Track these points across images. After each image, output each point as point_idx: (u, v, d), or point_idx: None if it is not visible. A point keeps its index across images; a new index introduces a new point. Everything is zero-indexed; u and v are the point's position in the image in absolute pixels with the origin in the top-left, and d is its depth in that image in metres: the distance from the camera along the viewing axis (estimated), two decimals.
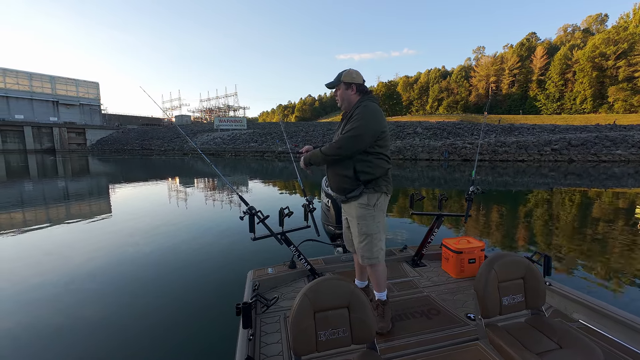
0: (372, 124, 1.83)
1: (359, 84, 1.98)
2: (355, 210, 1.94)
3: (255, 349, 1.75)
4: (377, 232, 1.94)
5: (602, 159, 20.60)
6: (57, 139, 56.40)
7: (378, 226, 1.95)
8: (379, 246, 1.95)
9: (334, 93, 2.07)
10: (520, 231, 5.86)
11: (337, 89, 2.03)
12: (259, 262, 3.27)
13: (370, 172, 1.88)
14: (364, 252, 1.94)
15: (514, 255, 1.66)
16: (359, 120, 1.81)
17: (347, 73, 1.98)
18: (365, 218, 1.92)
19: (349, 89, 1.97)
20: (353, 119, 1.85)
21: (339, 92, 2.01)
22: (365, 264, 1.97)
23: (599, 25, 64.95)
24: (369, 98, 1.95)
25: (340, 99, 2.02)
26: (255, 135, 41.33)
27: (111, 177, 16.71)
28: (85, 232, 5.87)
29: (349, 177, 1.90)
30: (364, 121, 1.81)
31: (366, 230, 1.92)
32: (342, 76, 1.99)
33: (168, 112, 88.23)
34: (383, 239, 1.99)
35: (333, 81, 2.04)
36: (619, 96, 49.90)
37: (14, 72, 58.08)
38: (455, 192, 10.13)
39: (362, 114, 1.83)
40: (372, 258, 1.93)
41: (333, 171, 1.99)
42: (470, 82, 74.28)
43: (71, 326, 2.85)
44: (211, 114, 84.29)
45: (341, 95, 2.00)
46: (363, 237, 1.93)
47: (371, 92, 2.03)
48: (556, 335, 1.47)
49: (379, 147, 1.88)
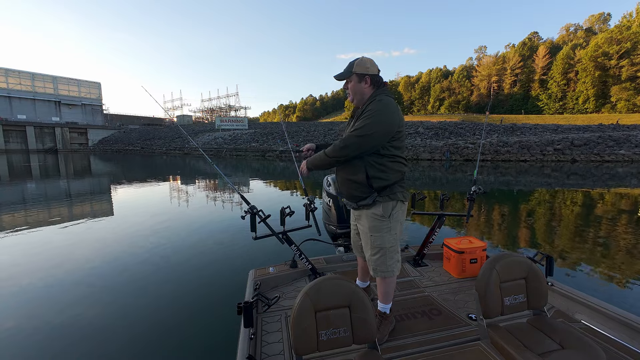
0: (386, 122, 1.60)
1: (373, 75, 1.71)
2: (368, 221, 1.75)
3: (257, 348, 1.75)
4: (393, 244, 1.74)
5: (605, 159, 20.48)
6: (59, 139, 56.70)
7: (395, 238, 1.75)
8: (395, 258, 1.76)
9: (345, 86, 1.80)
10: (522, 231, 5.84)
11: (348, 81, 1.76)
12: (261, 262, 3.28)
13: (384, 177, 1.67)
14: (377, 265, 1.75)
15: (516, 256, 1.65)
16: (371, 117, 1.58)
17: (359, 62, 1.70)
18: (379, 230, 1.72)
19: (362, 82, 1.71)
20: (364, 116, 1.62)
21: (350, 84, 1.75)
22: (377, 277, 1.80)
23: (602, 25, 64.63)
24: (384, 92, 1.71)
25: (351, 92, 1.76)
26: (257, 135, 41.37)
27: (113, 176, 16.75)
28: (86, 232, 5.89)
29: (361, 183, 1.69)
30: (376, 117, 1.58)
31: (380, 244, 1.73)
32: (354, 66, 1.71)
33: (169, 112, 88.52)
34: (399, 250, 1.81)
35: (343, 72, 1.76)
36: (621, 96, 49.64)
37: (17, 73, 58.46)
38: (457, 192, 10.11)
39: (375, 110, 1.59)
40: (386, 272, 1.75)
41: (342, 176, 1.79)
42: (472, 81, 74.06)
43: (72, 326, 2.86)
44: (212, 113, 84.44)
45: (353, 88, 1.74)
46: (376, 251, 1.74)
47: (387, 85, 1.76)
48: (558, 336, 1.46)
49: (395, 148, 1.67)
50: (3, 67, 56.72)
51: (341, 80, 1.78)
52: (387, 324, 1.83)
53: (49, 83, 61.94)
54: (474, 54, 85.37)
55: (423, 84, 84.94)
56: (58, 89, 63.04)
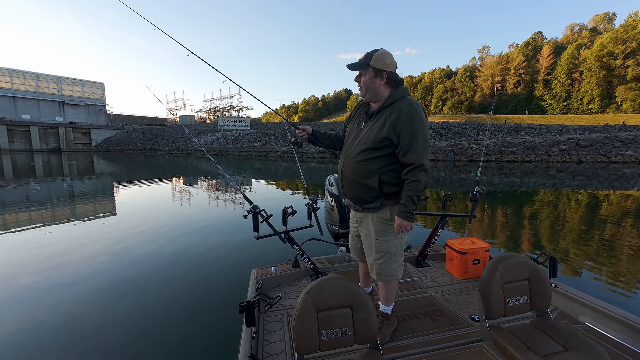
0: (427, 131, 1.56)
1: (390, 72, 1.58)
2: (373, 224, 1.70)
3: (259, 347, 1.75)
4: (398, 248, 1.72)
5: (612, 159, 20.22)
6: (62, 139, 57.16)
7: (400, 242, 1.72)
8: (399, 262, 1.74)
9: (357, 78, 1.65)
10: (525, 232, 5.80)
11: (362, 73, 1.60)
12: (263, 261, 3.28)
13: (396, 183, 1.62)
14: (381, 269, 1.72)
15: (519, 257, 1.64)
16: (420, 127, 1.53)
17: (378, 56, 1.55)
18: (385, 234, 1.68)
19: (377, 77, 1.57)
20: (405, 123, 1.52)
21: (364, 78, 1.60)
22: (380, 281, 1.77)
23: (607, 24, 64.09)
24: (407, 92, 1.62)
25: (364, 87, 1.61)
26: (259, 135, 41.42)
27: (116, 176, 16.86)
28: (88, 231, 5.93)
29: (372, 187, 1.62)
30: (424, 130, 1.54)
31: (386, 248, 1.69)
32: (371, 59, 1.55)
33: (172, 112, 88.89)
34: (403, 254, 1.79)
35: (359, 63, 1.59)
36: (627, 96, 49.18)
37: (21, 73, 58.97)
38: (460, 192, 10.07)
39: (419, 120, 1.53)
40: (390, 275, 1.72)
41: (351, 178, 1.69)
42: (475, 82, 73.76)
43: (73, 326, 2.88)
44: (215, 114, 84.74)
45: (366, 82, 1.59)
46: (381, 255, 1.71)
47: (403, 82, 1.64)
48: (562, 338, 1.45)
49: None
50: (7, 68, 57.23)
51: (355, 70, 1.62)
52: (389, 324, 1.82)
53: (53, 83, 62.41)
54: (477, 54, 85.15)
55: (426, 84, 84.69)
56: (62, 89, 63.51)
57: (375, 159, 1.62)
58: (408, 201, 1.55)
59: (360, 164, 1.65)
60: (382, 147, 1.60)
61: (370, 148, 1.62)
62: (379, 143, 1.59)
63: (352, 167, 1.69)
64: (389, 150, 1.60)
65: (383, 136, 1.57)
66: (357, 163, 1.66)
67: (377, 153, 1.61)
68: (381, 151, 1.61)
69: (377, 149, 1.61)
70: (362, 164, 1.64)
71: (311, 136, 2.02)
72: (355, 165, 1.67)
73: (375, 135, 1.60)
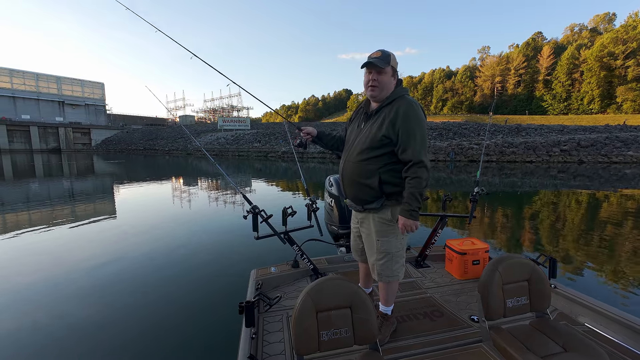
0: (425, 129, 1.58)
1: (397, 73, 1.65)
2: (374, 225, 1.70)
3: (258, 347, 1.75)
4: (400, 249, 1.72)
5: (613, 160, 20.22)
6: (62, 139, 57.17)
7: (402, 243, 1.73)
8: (400, 263, 1.74)
9: (371, 75, 1.60)
10: (525, 233, 5.80)
11: (381, 71, 1.58)
12: (262, 261, 3.28)
13: (397, 182, 1.62)
14: (382, 270, 1.72)
15: (519, 257, 1.64)
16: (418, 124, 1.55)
17: (394, 57, 1.60)
18: (386, 234, 1.68)
19: (393, 77, 1.62)
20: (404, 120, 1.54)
21: (382, 77, 1.59)
22: (382, 281, 1.77)
23: (607, 25, 64.06)
24: (406, 91, 1.65)
25: (379, 85, 1.60)
26: (259, 136, 41.42)
27: (116, 177, 16.86)
28: (88, 231, 5.93)
29: (372, 187, 1.63)
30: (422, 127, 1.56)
31: (387, 248, 1.69)
32: (390, 58, 1.59)
33: (172, 113, 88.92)
34: (404, 255, 1.78)
35: (383, 58, 1.58)
36: (627, 96, 49.15)
37: (21, 73, 58.96)
38: (460, 193, 10.06)
39: (417, 118, 1.56)
40: (391, 276, 1.72)
41: (352, 178, 1.70)
42: (475, 82, 73.75)
43: (73, 326, 2.88)
44: (215, 114, 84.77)
45: (384, 80, 1.59)
46: (382, 255, 1.71)
47: (402, 82, 1.70)
48: (561, 339, 1.45)
49: None
50: (7, 68, 57.20)
51: (381, 65, 1.56)
52: (389, 325, 1.82)
53: (53, 83, 62.39)
54: (477, 54, 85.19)
55: (426, 84, 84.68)
56: (62, 89, 63.47)
57: (375, 159, 1.63)
58: (411, 199, 1.55)
59: (361, 164, 1.66)
60: (381, 146, 1.61)
61: (370, 147, 1.63)
62: (378, 142, 1.61)
63: (352, 167, 1.70)
64: (389, 149, 1.61)
65: (382, 134, 1.59)
66: (358, 163, 1.67)
67: (377, 152, 1.62)
68: (381, 150, 1.62)
69: (377, 148, 1.62)
70: (363, 163, 1.65)
71: (316, 138, 2.03)
72: (355, 166, 1.68)
73: (375, 133, 1.61)
